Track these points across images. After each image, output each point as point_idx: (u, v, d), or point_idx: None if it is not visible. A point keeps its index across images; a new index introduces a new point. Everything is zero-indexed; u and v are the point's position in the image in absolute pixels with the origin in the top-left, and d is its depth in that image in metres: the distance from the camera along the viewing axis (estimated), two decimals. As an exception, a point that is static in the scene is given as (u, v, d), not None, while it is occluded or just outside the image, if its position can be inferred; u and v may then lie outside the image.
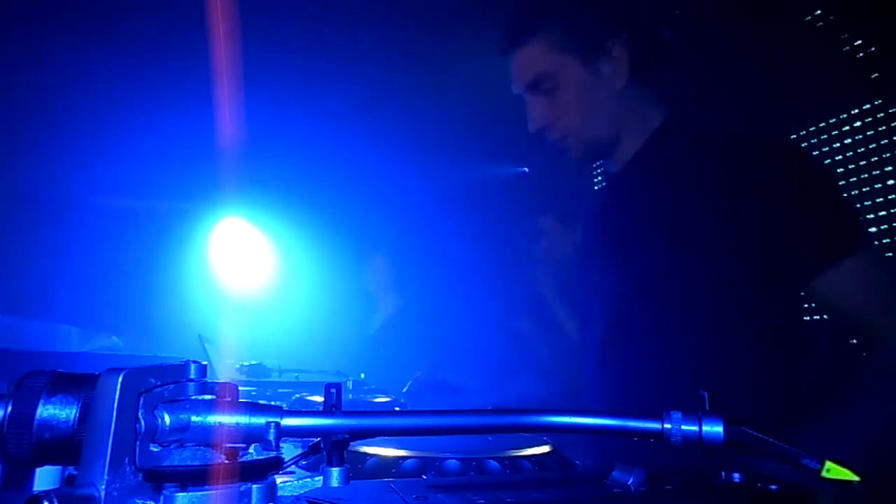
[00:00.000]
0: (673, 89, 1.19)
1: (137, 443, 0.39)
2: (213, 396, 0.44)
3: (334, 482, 0.47)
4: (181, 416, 0.42)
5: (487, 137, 2.60)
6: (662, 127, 1.16)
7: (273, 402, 0.49)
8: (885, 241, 1.50)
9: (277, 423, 0.43)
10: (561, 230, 1.42)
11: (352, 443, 0.48)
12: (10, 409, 0.39)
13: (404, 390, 1.37)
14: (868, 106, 1.59)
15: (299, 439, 0.68)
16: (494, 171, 3.24)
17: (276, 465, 0.45)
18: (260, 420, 0.43)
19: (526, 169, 3.15)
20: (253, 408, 0.44)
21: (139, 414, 0.40)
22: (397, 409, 1.27)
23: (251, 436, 0.43)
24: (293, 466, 0.54)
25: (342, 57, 2.07)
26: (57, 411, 0.39)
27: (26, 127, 2.03)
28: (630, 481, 0.51)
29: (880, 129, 1.56)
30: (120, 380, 0.38)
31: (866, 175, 1.58)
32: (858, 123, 1.61)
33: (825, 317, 1.36)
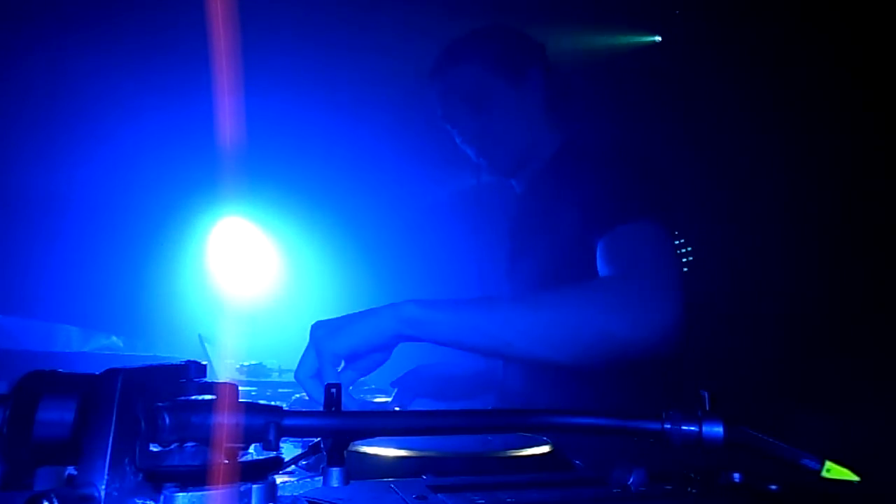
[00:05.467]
0: (571, 119, 1.41)
1: (137, 443, 0.39)
2: (213, 396, 0.44)
3: (334, 482, 0.47)
4: (181, 416, 0.42)
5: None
6: (560, 149, 1.36)
7: (273, 402, 0.49)
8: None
9: (277, 423, 0.43)
10: None
11: (352, 443, 0.48)
12: (9, 409, 0.39)
13: (394, 394, 1.35)
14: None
15: (299, 439, 0.68)
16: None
17: (276, 465, 0.45)
18: (260, 420, 0.43)
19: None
20: (253, 408, 0.44)
21: (139, 414, 0.40)
22: (397, 409, 1.27)
23: (251, 436, 0.43)
24: (293, 466, 0.54)
25: (349, 49, 2.06)
26: (57, 411, 0.39)
27: (23, 125, 2.03)
28: (630, 481, 0.51)
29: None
30: (120, 380, 0.38)
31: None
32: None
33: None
